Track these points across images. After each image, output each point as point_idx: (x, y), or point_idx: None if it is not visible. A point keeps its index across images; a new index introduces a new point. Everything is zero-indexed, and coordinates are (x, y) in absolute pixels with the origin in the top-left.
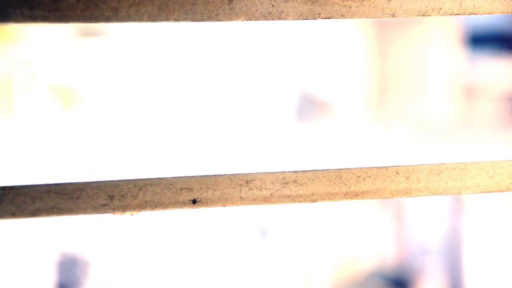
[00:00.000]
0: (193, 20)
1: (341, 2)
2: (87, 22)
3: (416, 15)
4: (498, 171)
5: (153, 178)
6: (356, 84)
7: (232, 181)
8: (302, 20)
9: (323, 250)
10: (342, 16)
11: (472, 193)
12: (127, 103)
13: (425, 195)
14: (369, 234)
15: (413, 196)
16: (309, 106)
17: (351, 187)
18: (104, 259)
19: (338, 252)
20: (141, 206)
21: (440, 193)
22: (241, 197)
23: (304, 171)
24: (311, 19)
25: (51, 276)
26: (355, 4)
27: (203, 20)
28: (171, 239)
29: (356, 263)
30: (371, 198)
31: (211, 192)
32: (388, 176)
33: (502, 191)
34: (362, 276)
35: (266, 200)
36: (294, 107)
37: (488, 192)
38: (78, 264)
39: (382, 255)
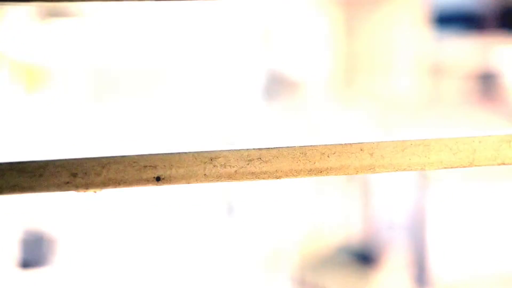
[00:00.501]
0: None
1: None
2: (50, 1)
3: None
4: (461, 147)
5: (116, 156)
6: (323, 63)
7: (196, 159)
8: None
9: (290, 226)
10: None
11: (435, 169)
12: (90, 82)
13: (389, 171)
14: (335, 210)
15: (377, 173)
16: (276, 84)
17: (316, 164)
18: (70, 237)
19: (305, 228)
20: (104, 184)
21: (404, 169)
22: (205, 174)
23: (268, 148)
24: None
25: (16, 254)
26: None
27: None
28: (137, 216)
29: (323, 238)
30: (336, 174)
31: (175, 169)
32: (352, 153)
33: (465, 167)
34: (328, 251)
35: (230, 177)
36: (261, 86)
37: (451, 167)
38: (44, 242)
39: (348, 231)
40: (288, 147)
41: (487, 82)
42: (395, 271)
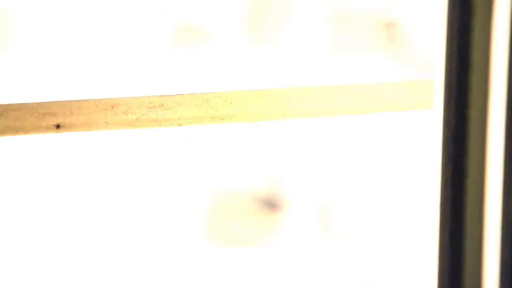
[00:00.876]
0: None
1: None
2: None
3: None
4: (363, 93)
5: (14, 103)
6: (230, 10)
7: (97, 106)
8: None
9: (197, 174)
10: None
11: (340, 115)
12: None
13: (292, 118)
14: (241, 157)
15: (279, 119)
16: (183, 32)
17: (219, 110)
18: None
19: (211, 176)
20: (2, 131)
21: (309, 115)
22: (106, 122)
23: (171, 95)
24: None
25: None
26: None
27: None
28: (44, 165)
29: (230, 186)
30: (239, 121)
31: (76, 117)
32: (255, 100)
33: (367, 113)
34: (236, 198)
35: (132, 124)
36: (168, 34)
37: (354, 114)
38: None
39: (256, 178)
40: (190, 94)
41: (390, 30)
42: (302, 217)
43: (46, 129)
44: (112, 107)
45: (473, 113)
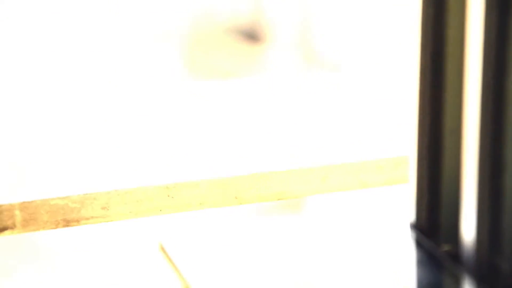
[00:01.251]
0: None
1: None
2: None
3: None
4: None
5: None
6: None
7: None
8: None
9: (177, 5)
10: None
11: None
12: None
13: None
14: None
15: None
16: None
17: None
18: None
19: (193, 8)
20: None
21: None
22: None
23: None
24: None
25: None
26: None
27: None
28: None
29: (211, 19)
30: None
31: None
32: None
33: None
34: (217, 31)
35: None
36: None
37: None
38: None
39: (236, 9)
40: None
41: None
42: (284, 49)
43: None
44: None
45: None
